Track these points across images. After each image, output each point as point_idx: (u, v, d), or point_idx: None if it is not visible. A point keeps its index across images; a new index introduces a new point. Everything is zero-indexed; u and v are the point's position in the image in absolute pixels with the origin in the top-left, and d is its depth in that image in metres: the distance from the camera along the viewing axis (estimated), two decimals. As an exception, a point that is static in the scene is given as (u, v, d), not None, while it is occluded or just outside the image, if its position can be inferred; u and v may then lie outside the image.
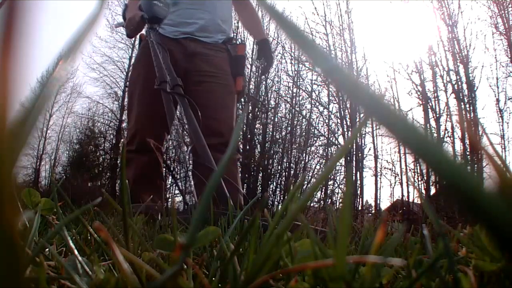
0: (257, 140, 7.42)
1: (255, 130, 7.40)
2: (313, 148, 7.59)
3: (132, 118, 1.70)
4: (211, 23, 1.77)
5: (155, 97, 1.54)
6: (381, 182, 6.93)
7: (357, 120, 6.76)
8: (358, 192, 6.78)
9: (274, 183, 7.26)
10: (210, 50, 1.75)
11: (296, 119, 7.78)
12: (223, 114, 1.67)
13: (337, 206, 6.17)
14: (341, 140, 7.12)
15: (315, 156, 7.52)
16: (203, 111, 1.68)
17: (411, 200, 6.24)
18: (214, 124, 1.64)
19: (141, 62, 1.71)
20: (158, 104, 1.54)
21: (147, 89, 1.58)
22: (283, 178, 7.28)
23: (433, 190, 5.59)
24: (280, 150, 7.49)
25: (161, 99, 1.50)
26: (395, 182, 6.70)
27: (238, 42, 2.10)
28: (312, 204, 6.33)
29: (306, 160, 7.49)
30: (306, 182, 5.73)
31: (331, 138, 7.29)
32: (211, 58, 1.74)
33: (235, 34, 6.95)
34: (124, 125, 10.20)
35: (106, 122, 10.92)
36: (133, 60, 1.82)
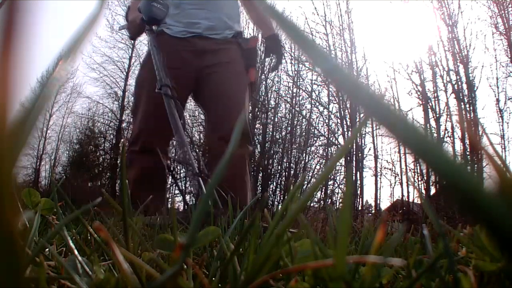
0: (257, 140, 7.42)
1: (255, 130, 7.40)
2: (313, 148, 7.59)
3: (137, 118, 1.69)
4: (216, 22, 1.75)
5: (162, 99, 1.55)
6: (381, 182, 6.94)
7: (357, 120, 6.76)
8: (358, 192, 6.78)
9: (274, 183, 7.26)
10: (220, 45, 1.73)
11: (296, 119, 7.78)
12: (234, 103, 1.65)
13: (337, 206, 6.17)
14: (341, 140, 7.12)
15: (315, 156, 7.52)
16: (215, 102, 1.66)
17: (411, 200, 6.24)
18: (226, 115, 1.62)
19: (147, 65, 1.70)
20: (164, 106, 1.54)
21: (153, 91, 1.59)
22: (283, 178, 7.28)
23: (433, 190, 5.60)
24: (280, 150, 7.49)
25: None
26: (395, 182, 6.71)
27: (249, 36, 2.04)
28: (312, 204, 6.33)
29: (306, 160, 7.49)
30: (306, 182, 5.73)
31: (331, 138, 7.29)
32: (222, 51, 1.72)
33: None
34: (124, 125, 10.21)
35: (106, 122, 10.93)
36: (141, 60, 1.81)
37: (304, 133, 7.69)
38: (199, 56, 1.70)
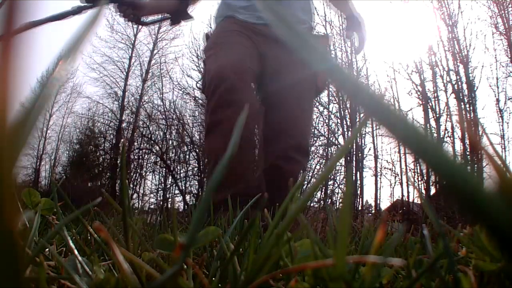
0: (257, 140, 7.40)
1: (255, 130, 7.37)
2: (313, 148, 7.59)
3: (216, 60, 1.45)
4: (290, 15, 1.60)
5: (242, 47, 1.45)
6: (381, 182, 6.94)
7: (357, 120, 6.76)
8: (358, 192, 6.78)
9: (274, 183, 7.24)
10: None
11: (296, 119, 7.75)
12: (298, 117, 1.50)
13: (337, 206, 6.16)
14: (341, 140, 7.12)
15: (315, 156, 7.52)
16: (275, 110, 1.50)
17: (411, 200, 6.25)
18: (287, 129, 1.47)
19: (221, 27, 1.58)
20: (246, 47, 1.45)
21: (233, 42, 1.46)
22: (283, 178, 7.26)
23: (433, 190, 5.60)
24: (280, 150, 7.47)
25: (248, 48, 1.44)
26: (395, 182, 6.71)
27: (321, 34, 1.84)
28: (312, 204, 6.33)
29: (306, 160, 7.47)
30: (306, 182, 5.73)
31: (331, 138, 7.29)
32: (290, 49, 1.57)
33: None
34: (124, 125, 10.21)
35: (106, 122, 10.92)
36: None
37: (304, 133, 7.68)
38: (269, 43, 1.52)
